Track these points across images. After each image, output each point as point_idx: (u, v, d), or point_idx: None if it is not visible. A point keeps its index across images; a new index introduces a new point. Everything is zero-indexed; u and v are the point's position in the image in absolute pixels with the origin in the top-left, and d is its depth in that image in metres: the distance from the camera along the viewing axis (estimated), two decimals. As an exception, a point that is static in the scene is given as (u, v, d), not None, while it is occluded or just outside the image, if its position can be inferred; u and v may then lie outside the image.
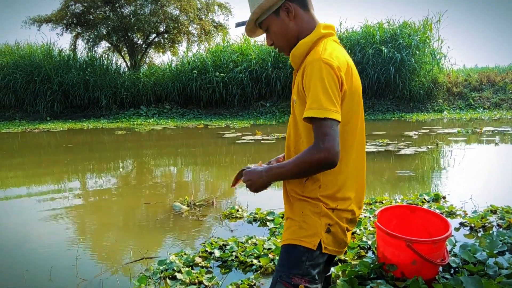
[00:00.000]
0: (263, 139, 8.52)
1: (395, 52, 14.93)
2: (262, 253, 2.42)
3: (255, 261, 2.34)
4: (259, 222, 3.17)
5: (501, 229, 2.73)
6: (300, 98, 1.39)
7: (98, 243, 2.91)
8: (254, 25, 1.52)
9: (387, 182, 4.57)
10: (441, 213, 3.16)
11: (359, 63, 14.94)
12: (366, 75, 14.66)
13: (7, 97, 15.87)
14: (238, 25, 1.62)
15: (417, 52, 15.28)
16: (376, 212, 2.24)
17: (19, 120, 15.19)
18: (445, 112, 14.84)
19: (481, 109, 15.21)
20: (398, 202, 3.48)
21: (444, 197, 3.64)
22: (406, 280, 1.93)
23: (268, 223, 3.10)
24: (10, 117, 15.71)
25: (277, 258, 2.29)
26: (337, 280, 1.96)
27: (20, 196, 4.37)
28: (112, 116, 15.71)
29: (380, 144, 7.36)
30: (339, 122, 1.28)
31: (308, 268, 1.35)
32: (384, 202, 3.46)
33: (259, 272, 2.23)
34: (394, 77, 14.90)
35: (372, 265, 2.09)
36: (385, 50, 14.91)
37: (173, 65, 17.60)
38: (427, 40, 15.64)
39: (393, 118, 13.38)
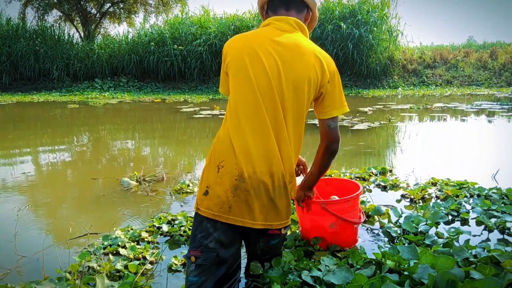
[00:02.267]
0: (220, 114, 8.47)
1: (354, 28, 15.09)
2: None
3: None
4: (209, 197, 3.17)
5: (438, 201, 2.87)
6: None
7: (39, 219, 2.82)
8: None
9: (339, 157, 4.67)
10: (385, 185, 3.28)
11: (318, 38, 15.01)
12: (326, 50, 14.65)
13: None
14: None
15: (375, 29, 15.52)
16: None
17: (-38, 92, 14.33)
18: (399, 88, 15.27)
19: (434, 86, 15.75)
20: (346, 176, 3.57)
21: (390, 171, 3.77)
22: (346, 250, 2.00)
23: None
24: (-48, 89, 14.80)
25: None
26: (283, 251, 1.99)
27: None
28: (65, 88, 15.10)
29: (335, 119, 7.49)
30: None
31: (200, 240, 1.49)
32: (332, 175, 3.54)
33: None
34: (352, 53, 15.10)
35: (297, 242, 2.14)
36: (344, 26, 15.04)
37: (129, 37, 17.04)
38: (385, 17, 15.89)
39: (350, 94, 13.63)
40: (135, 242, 2.29)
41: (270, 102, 1.49)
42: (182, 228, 2.47)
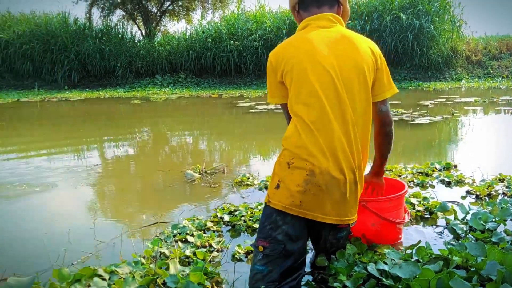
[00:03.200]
0: (276, 109, 8.54)
1: (414, 19, 14.55)
2: None
3: (257, 225, 2.45)
4: (269, 190, 3.25)
5: (506, 197, 2.76)
6: None
7: (114, 208, 3.04)
8: None
9: (401, 152, 4.58)
10: (449, 181, 3.19)
11: (376, 30, 14.63)
12: (384, 43, 14.35)
13: (25, 65, 16.06)
14: None
15: (437, 19, 14.87)
16: None
17: (37, 89, 15.42)
18: (463, 81, 14.55)
19: (500, 78, 14.85)
20: (408, 170, 3.51)
21: (455, 166, 3.65)
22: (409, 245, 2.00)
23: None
24: (29, 86, 15.96)
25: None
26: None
27: (39, 162, 4.52)
28: (128, 85, 15.83)
29: (394, 113, 7.31)
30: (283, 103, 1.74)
31: (268, 231, 1.55)
32: (393, 170, 3.49)
33: None
34: (412, 44, 14.58)
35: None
36: (404, 17, 14.54)
37: (187, 33, 17.52)
38: (447, 7, 15.18)
39: (410, 87, 13.19)
40: (202, 231, 2.41)
41: (336, 100, 1.53)
42: (243, 218, 2.57)
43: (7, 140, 6.24)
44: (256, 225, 2.47)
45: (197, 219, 2.59)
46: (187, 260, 2.05)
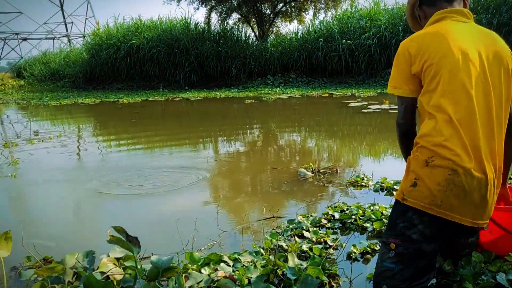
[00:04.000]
0: (390, 109, 8.23)
1: (555, 9, 12.84)
2: (378, 218, 2.51)
3: (367, 225, 2.47)
4: (386, 191, 3.20)
5: None
6: None
7: (233, 201, 3.25)
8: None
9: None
10: None
11: (504, 24, 13.24)
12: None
13: (152, 68, 17.69)
14: None
15: None
16: None
17: (162, 89, 16.91)
18: None
19: None
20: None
21: None
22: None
23: (394, 192, 3.12)
24: (155, 86, 17.57)
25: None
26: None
27: (165, 157, 5.01)
28: (242, 85, 16.53)
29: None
30: (411, 97, 1.65)
31: (401, 229, 1.53)
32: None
33: (372, 234, 2.39)
34: (551, 38, 12.89)
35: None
36: (541, 8, 12.92)
37: (299, 34, 17.69)
38: None
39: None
40: (317, 228, 2.48)
41: (483, 97, 1.47)
42: (353, 217, 2.58)
43: (136, 135, 7.00)
44: (367, 225, 2.46)
45: (311, 215, 2.67)
46: (303, 254, 2.14)
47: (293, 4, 19.88)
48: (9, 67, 34.57)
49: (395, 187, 3.21)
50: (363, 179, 3.46)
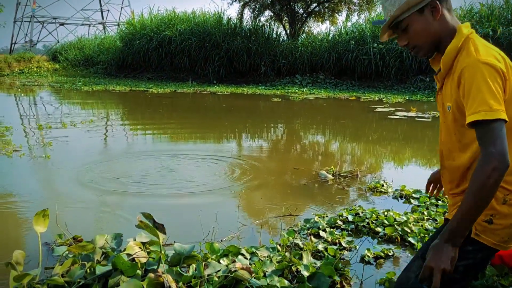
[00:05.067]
0: (417, 117, 8.17)
1: None
2: (391, 224, 2.57)
3: (379, 229, 2.53)
4: (404, 199, 3.24)
5: None
6: (457, 103, 1.43)
7: (253, 197, 3.36)
8: (387, 27, 1.57)
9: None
10: None
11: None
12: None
13: (183, 60, 17.96)
14: (376, 23, 1.71)
15: None
16: None
17: (191, 82, 17.16)
18: None
19: None
20: None
21: None
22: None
23: (412, 201, 3.16)
24: (184, 78, 17.84)
25: (404, 229, 2.48)
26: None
27: (186, 149, 5.15)
28: (269, 83, 16.60)
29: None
30: (507, 121, 1.29)
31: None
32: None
33: (383, 239, 2.46)
34: None
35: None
36: None
37: (330, 35, 17.61)
38: None
39: None
40: (333, 228, 2.56)
41: None
42: (366, 220, 2.65)
43: (163, 125, 7.19)
44: (379, 229, 2.53)
45: (327, 216, 2.75)
46: (318, 254, 2.22)
47: (327, 5, 19.78)
48: (45, 50, 35.65)
49: (413, 195, 3.24)
50: (382, 185, 3.51)
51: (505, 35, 13.00)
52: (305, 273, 1.88)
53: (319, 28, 43.06)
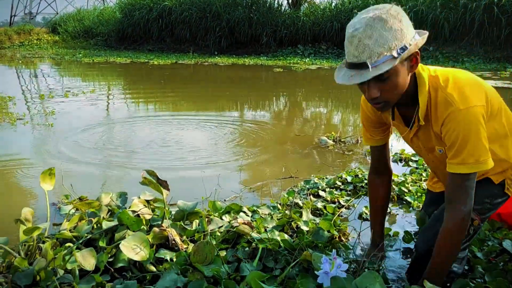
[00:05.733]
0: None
1: None
2: None
3: None
4: (403, 162, 3.30)
5: None
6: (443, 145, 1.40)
7: (256, 160, 3.41)
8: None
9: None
10: None
11: None
12: None
13: (183, 31, 17.74)
14: (347, 79, 1.30)
15: None
16: None
17: (192, 53, 17.00)
18: None
19: None
20: None
21: None
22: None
23: (411, 163, 3.22)
24: (185, 49, 17.67)
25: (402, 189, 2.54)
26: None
27: (189, 115, 5.19)
28: (271, 53, 16.45)
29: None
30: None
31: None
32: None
33: None
34: None
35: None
36: None
37: (333, 4, 17.32)
38: None
39: None
40: (333, 189, 2.62)
41: None
42: (365, 181, 2.70)
43: (165, 94, 7.20)
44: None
45: (326, 177, 2.81)
46: (317, 211, 2.29)
47: (330, -27, 19.35)
48: (44, 22, 35.18)
49: (412, 158, 3.29)
50: (382, 149, 3.55)
51: (510, 2, 12.78)
52: (305, 228, 1.95)
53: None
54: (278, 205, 2.31)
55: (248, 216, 2.14)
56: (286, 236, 1.86)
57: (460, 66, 12.53)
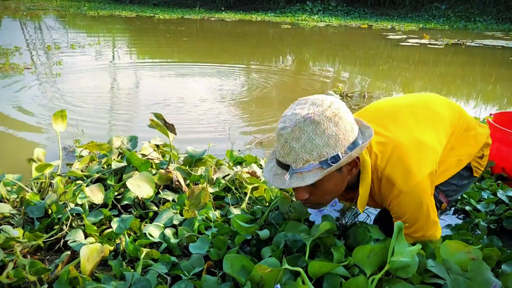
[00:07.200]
0: (429, 44, 8.01)
1: None
2: None
3: None
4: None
5: None
6: None
7: (258, 116, 3.44)
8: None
9: None
10: None
11: None
12: None
13: (190, -15, 17.35)
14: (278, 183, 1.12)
15: None
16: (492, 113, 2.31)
17: (199, 8, 16.67)
18: None
19: None
20: None
21: None
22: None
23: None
24: (191, 5, 17.33)
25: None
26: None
27: (197, 72, 5.17)
28: (279, 10, 16.10)
29: None
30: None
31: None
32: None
33: None
34: None
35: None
36: None
37: (345, -42, 16.75)
38: None
39: None
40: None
41: None
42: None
43: (170, 49, 7.14)
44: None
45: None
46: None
47: None
48: (47, -26, 34.33)
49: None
50: (388, 104, 3.55)
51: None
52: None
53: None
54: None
55: (261, 168, 2.17)
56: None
57: (472, 25, 12.24)
